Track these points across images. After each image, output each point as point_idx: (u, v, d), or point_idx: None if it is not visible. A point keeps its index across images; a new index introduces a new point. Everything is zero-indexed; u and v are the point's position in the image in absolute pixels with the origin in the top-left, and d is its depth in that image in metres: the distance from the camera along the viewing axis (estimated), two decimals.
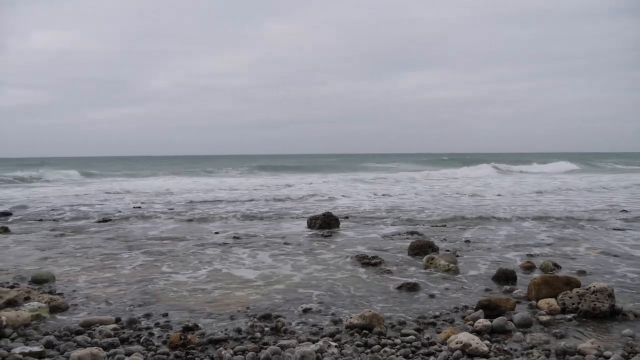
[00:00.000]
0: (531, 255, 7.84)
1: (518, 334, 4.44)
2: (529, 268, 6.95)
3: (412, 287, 5.95)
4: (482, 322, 4.58)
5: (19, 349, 3.91)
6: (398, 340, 4.25)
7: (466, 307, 5.23)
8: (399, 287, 5.99)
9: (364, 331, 4.46)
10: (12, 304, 5.09)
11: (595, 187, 22.00)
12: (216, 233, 10.19)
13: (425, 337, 4.37)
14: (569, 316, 4.87)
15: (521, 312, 4.88)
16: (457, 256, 7.67)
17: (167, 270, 7.00)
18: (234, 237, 9.59)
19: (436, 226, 11.05)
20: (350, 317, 4.66)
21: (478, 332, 4.43)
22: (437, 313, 5.03)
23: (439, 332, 4.48)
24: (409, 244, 8.37)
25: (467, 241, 9.08)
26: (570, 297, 5.06)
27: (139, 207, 15.37)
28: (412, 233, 9.99)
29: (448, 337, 4.26)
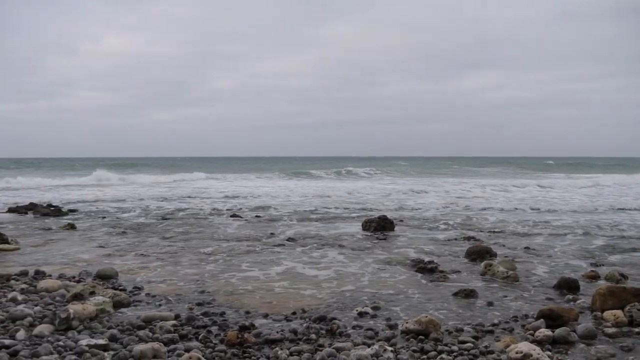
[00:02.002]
0: (596, 265, 7.53)
1: (582, 345, 4.28)
2: (593, 277, 6.68)
3: (469, 294, 5.83)
4: (544, 332, 4.43)
5: (85, 341, 4.08)
6: (455, 348, 4.17)
7: (526, 315, 5.07)
8: (456, 293, 5.88)
9: (420, 337, 4.40)
10: (78, 297, 5.31)
11: None
12: (272, 234, 10.31)
13: (483, 345, 4.26)
14: (637, 329, 4.65)
15: (585, 323, 4.69)
16: (516, 263, 7.45)
17: (225, 269, 7.13)
18: (289, 239, 9.67)
19: (494, 232, 10.80)
20: (406, 322, 4.60)
21: (539, 342, 4.29)
22: (496, 321, 4.90)
23: (497, 341, 4.36)
24: (465, 249, 8.21)
25: (527, 248, 8.82)
26: (639, 310, 4.83)
27: (202, 209, 15.74)
28: (469, 238, 9.80)
29: (507, 346, 4.15)
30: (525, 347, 3.97)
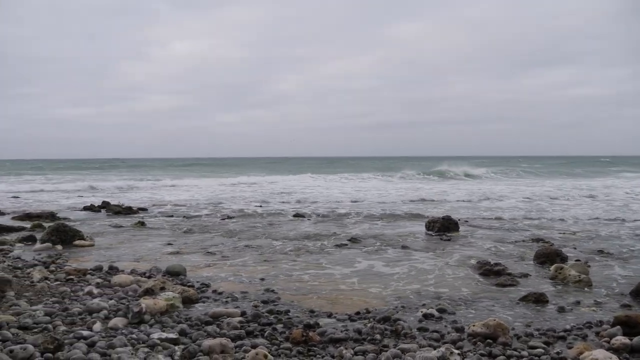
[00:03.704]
0: None
1: None
2: None
3: (539, 298, 5.62)
4: (620, 339, 4.22)
5: (156, 334, 4.23)
6: (525, 353, 4.04)
7: (601, 322, 4.85)
8: (524, 297, 5.69)
9: (488, 340, 4.29)
10: (149, 292, 5.51)
11: None
12: (334, 233, 10.34)
13: (554, 351, 4.11)
14: None
15: None
16: (589, 266, 7.14)
17: (289, 268, 7.21)
18: (352, 239, 9.66)
19: (564, 234, 10.39)
20: (473, 325, 4.50)
21: (615, 350, 4.09)
22: (568, 327, 4.72)
23: (570, 348, 4.19)
24: (534, 251, 7.94)
25: (600, 251, 8.43)
26: None
27: (268, 209, 15.98)
28: (537, 240, 9.47)
29: (581, 353, 3.98)
30: (600, 354, 3.80)
